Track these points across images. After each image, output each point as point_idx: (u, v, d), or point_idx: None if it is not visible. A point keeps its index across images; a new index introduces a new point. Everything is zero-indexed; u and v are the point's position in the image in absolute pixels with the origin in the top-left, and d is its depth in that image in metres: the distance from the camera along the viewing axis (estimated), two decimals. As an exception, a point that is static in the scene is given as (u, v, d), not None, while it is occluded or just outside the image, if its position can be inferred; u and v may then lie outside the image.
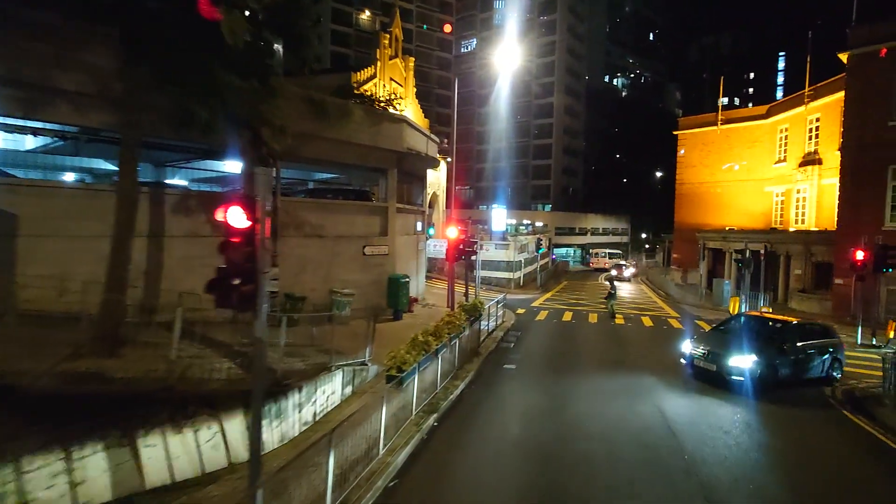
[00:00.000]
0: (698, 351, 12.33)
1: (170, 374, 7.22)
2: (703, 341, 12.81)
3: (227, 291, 4.37)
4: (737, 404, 10.69)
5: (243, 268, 4.43)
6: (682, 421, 9.58)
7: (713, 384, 11.74)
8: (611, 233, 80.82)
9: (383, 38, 38.12)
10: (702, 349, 12.29)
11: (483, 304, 16.10)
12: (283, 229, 16.09)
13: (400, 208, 20.36)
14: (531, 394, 11.23)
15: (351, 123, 17.36)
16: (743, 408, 10.52)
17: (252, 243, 4.48)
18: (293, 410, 7.78)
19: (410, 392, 8.99)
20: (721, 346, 12.03)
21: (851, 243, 20.85)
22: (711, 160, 38.93)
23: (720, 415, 10.13)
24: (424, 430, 8.66)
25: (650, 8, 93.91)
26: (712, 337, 13.40)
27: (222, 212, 4.36)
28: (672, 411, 10.11)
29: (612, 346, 16.52)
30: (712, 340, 12.80)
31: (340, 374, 9.53)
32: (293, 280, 16.44)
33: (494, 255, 33.69)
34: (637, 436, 8.79)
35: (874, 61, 21.64)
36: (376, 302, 19.06)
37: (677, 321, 22.09)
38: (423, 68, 77.12)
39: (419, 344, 9.21)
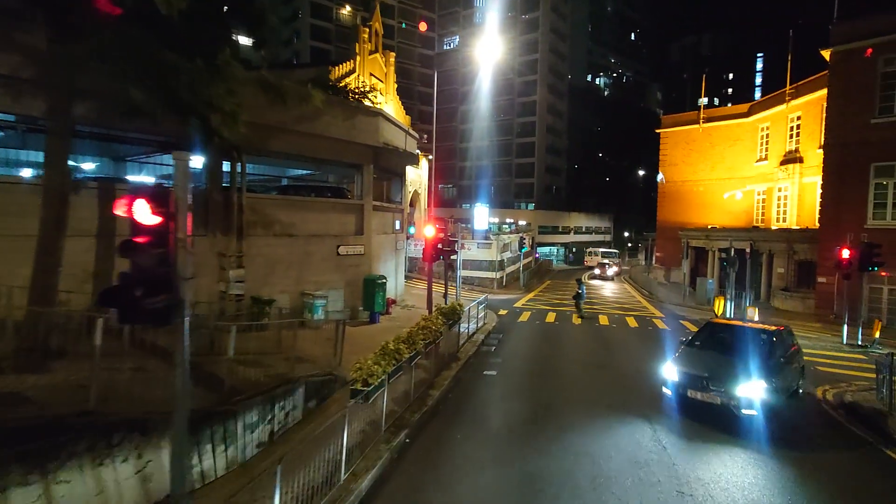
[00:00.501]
0: (687, 376, 9.51)
1: (106, 391, 6.30)
2: (690, 362, 9.95)
3: (131, 303, 3.52)
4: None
5: (153, 274, 3.58)
6: None
7: (712, 422, 9.06)
8: (594, 231, 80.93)
9: (362, 32, 37.05)
10: (693, 372, 9.53)
11: (462, 306, 15.36)
12: (250, 228, 15.14)
13: (377, 206, 19.50)
14: (512, 403, 10.52)
15: (325, 116, 16.48)
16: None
17: (165, 244, 3.63)
18: (244, 431, 6.91)
19: (380, 406, 8.19)
20: (719, 369, 9.40)
21: (834, 241, 20.68)
22: (694, 158, 38.87)
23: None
24: (395, 448, 7.87)
25: (632, 8, 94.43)
26: (699, 356, 10.25)
27: (123, 206, 3.50)
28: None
29: (597, 349, 15.93)
30: (702, 361, 9.94)
31: (303, 387, 8.67)
32: (261, 282, 15.49)
33: (476, 254, 33.00)
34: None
35: (857, 58, 21.49)
36: (352, 304, 18.20)
37: (662, 321, 21.67)
38: (405, 65, 76.08)
39: (390, 353, 8.41)
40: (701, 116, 38.13)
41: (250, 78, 7.10)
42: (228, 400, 7.12)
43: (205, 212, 14.05)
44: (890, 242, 17.52)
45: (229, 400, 7.14)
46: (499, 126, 75.14)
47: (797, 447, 8.57)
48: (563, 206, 75.40)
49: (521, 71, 73.54)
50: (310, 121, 15.85)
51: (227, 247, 14.35)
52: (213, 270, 14.21)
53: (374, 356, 8.08)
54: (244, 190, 14.81)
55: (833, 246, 20.49)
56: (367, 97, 19.95)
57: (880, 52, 20.85)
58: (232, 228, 14.49)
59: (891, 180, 20.76)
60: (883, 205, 21.01)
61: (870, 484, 7.59)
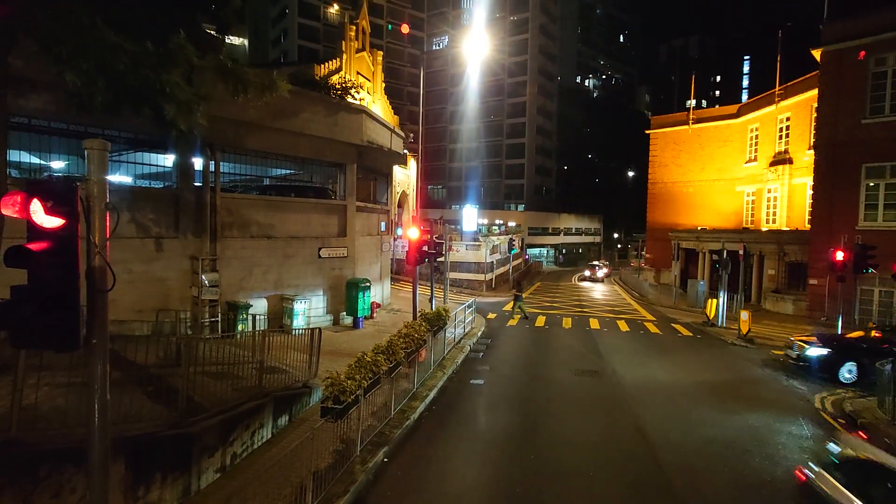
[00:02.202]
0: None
1: (33, 415, 5.57)
2: None
3: (23, 324, 2.85)
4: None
5: (53, 288, 2.92)
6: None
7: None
8: (584, 233, 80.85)
9: (349, 30, 36.33)
10: None
11: (449, 310, 14.74)
12: (225, 229, 14.40)
13: (361, 207, 18.83)
14: (500, 416, 9.91)
15: (304, 113, 15.81)
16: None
17: (69, 251, 2.97)
18: (201, 456, 6.22)
19: (355, 422, 7.54)
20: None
21: (826, 243, 20.45)
22: (683, 159, 38.70)
23: None
24: (371, 469, 7.23)
25: (620, 10, 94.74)
26: None
27: (13, 205, 2.83)
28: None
29: (588, 355, 15.40)
30: None
31: (273, 402, 7.98)
32: (237, 286, 14.76)
33: (465, 256, 32.42)
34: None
35: (848, 58, 21.29)
36: (334, 309, 17.51)
37: (654, 325, 21.24)
38: (394, 65, 75.44)
39: (366, 365, 7.75)
40: (690, 117, 37.98)
41: (207, 65, 6.42)
42: (186, 420, 6.42)
43: (175, 212, 13.30)
44: (882, 244, 17.23)
45: (187, 420, 6.44)
46: (488, 127, 74.75)
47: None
48: (553, 208, 75.18)
49: (511, 72, 73.24)
50: (288, 117, 15.18)
51: (200, 249, 13.60)
52: (185, 274, 13.46)
53: (347, 369, 7.42)
54: (218, 189, 14.07)
55: (824, 247, 20.26)
56: (350, 93, 19.26)
57: (871, 51, 20.66)
58: (205, 230, 13.74)
59: (882, 181, 20.55)
60: (874, 206, 20.79)
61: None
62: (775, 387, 12.56)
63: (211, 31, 8.13)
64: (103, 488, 3.48)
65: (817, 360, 13.23)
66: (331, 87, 19.09)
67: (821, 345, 13.53)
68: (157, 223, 12.90)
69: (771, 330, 20.20)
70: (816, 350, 13.37)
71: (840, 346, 13.71)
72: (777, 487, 7.13)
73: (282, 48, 72.45)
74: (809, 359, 13.36)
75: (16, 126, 10.95)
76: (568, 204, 78.06)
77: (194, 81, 6.38)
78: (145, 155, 13.97)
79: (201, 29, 7.84)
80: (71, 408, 5.67)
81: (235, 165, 15.94)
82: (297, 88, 14.59)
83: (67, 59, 5.34)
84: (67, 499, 4.98)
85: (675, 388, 11.98)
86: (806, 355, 13.46)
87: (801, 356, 13.61)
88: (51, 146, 13.08)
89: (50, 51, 5.32)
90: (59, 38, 5.26)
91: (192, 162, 13.53)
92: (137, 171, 18.57)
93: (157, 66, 5.86)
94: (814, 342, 13.77)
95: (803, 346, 13.74)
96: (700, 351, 16.45)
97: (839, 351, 13.36)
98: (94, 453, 3.36)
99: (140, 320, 11.98)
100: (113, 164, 17.37)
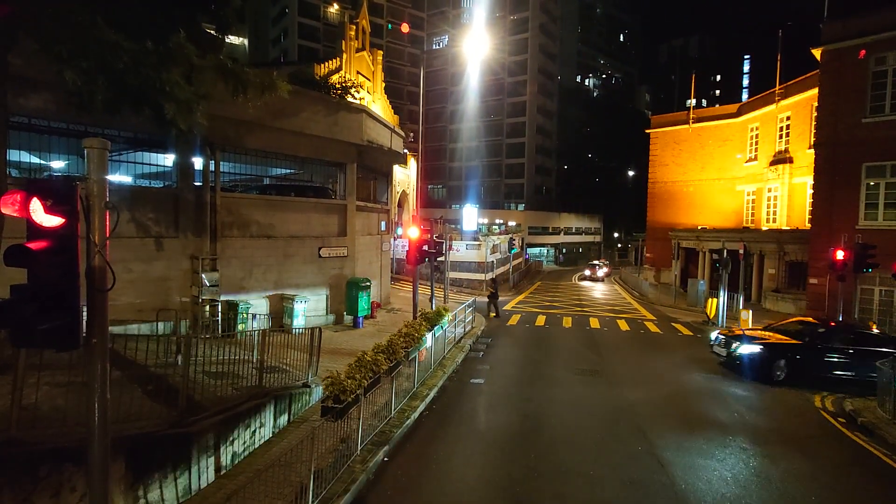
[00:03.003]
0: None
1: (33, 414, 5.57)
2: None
3: (22, 323, 2.85)
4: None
5: (52, 288, 2.91)
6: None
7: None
8: (584, 232, 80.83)
9: (349, 29, 36.32)
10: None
11: (449, 310, 14.73)
12: (225, 229, 14.41)
13: (361, 206, 18.83)
14: (501, 415, 9.91)
15: (304, 112, 15.79)
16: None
17: (69, 251, 2.96)
18: (201, 456, 6.22)
19: (355, 422, 7.53)
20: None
21: (826, 242, 20.42)
22: (683, 159, 38.67)
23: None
24: (371, 468, 7.23)
25: (620, 9, 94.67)
26: None
27: (13, 204, 2.82)
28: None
29: (589, 355, 15.40)
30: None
31: (273, 401, 7.98)
32: (237, 286, 14.77)
33: (465, 255, 32.40)
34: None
35: (848, 57, 21.26)
36: (335, 308, 17.52)
37: (654, 324, 21.24)
38: (394, 65, 75.43)
39: (366, 364, 7.75)
40: (690, 117, 37.94)
41: (207, 64, 6.41)
42: (187, 419, 6.42)
43: (175, 211, 13.30)
44: (882, 243, 17.22)
45: (187, 419, 6.43)
46: (488, 126, 74.71)
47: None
48: (554, 207, 75.16)
49: (511, 71, 73.19)
50: (288, 117, 15.17)
51: (200, 249, 13.60)
52: (185, 274, 13.46)
53: (347, 368, 7.42)
54: (218, 188, 14.07)
55: (825, 247, 20.23)
56: (350, 93, 19.24)
57: (872, 50, 20.63)
58: (205, 229, 13.74)
59: (882, 180, 20.53)
60: (875, 205, 20.76)
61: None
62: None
63: (211, 30, 8.12)
64: (103, 488, 3.48)
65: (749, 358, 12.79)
66: (331, 86, 19.09)
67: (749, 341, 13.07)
68: (157, 223, 12.90)
69: (771, 329, 20.17)
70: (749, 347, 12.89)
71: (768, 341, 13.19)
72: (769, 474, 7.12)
73: (282, 47, 72.45)
74: (741, 357, 12.95)
75: (16, 125, 10.96)
76: (568, 203, 78.04)
77: (194, 81, 6.38)
78: (145, 154, 13.95)
79: (201, 28, 7.83)
80: (71, 407, 5.67)
81: (235, 165, 15.94)
82: (297, 88, 14.58)
83: (67, 59, 5.33)
84: (67, 498, 4.98)
85: (675, 388, 11.97)
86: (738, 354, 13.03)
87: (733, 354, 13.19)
88: (51, 146, 13.07)
89: (50, 50, 5.31)
90: (59, 38, 5.26)
91: (192, 161, 13.52)
92: (137, 170, 18.55)
93: (158, 65, 5.85)
94: (742, 336, 13.38)
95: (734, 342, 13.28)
96: (700, 350, 16.43)
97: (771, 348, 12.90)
98: (94, 453, 3.36)
99: (140, 320, 11.99)
100: (113, 164, 17.37)
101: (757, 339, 13.21)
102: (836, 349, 12.80)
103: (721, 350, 13.71)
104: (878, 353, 12.32)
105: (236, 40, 75.73)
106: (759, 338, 13.38)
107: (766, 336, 13.62)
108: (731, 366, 13.51)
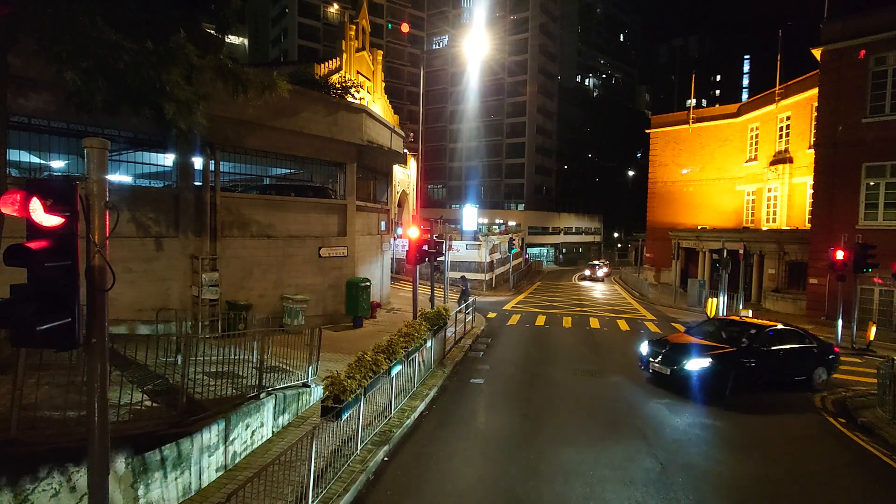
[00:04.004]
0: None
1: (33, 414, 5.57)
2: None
3: (25, 321, 2.85)
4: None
5: (52, 288, 2.91)
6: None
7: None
8: (584, 232, 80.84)
9: (349, 29, 36.31)
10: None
11: (449, 310, 14.73)
12: (225, 229, 14.41)
13: (361, 206, 18.83)
14: (500, 415, 9.91)
15: (304, 112, 15.79)
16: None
17: (69, 250, 2.96)
18: (201, 454, 6.21)
19: (355, 422, 7.53)
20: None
21: (826, 242, 20.45)
22: (683, 159, 38.68)
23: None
24: (371, 468, 7.23)
25: (620, 9, 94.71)
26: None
27: (12, 204, 2.82)
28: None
29: (589, 355, 15.41)
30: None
31: (272, 401, 7.98)
32: (237, 286, 14.77)
33: (465, 255, 32.41)
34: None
35: (848, 57, 21.28)
36: (334, 308, 17.51)
37: (654, 324, 21.25)
38: (394, 65, 75.46)
39: (366, 364, 7.75)
40: (690, 117, 37.95)
41: (207, 64, 6.41)
42: (187, 418, 6.42)
43: (175, 211, 13.30)
44: (882, 243, 17.23)
45: (188, 418, 6.44)
46: (488, 126, 74.72)
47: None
48: (553, 207, 75.19)
49: (511, 71, 73.21)
50: (288, 117, 15.17)
51: (200, 249, 13.61)
52: (185, 274, 13.46)
53: (347, 368, 7.42)
54: (218, 188, 14.07)
55: (824, 247, 20.26)
56: (350, 93, 19.25)
57: (871, 50, 20.65)
58: (205, 229, 13.75)
59: (882, 180, 20.54)
60: (874, 205, 20.78)
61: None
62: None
63: (211, 30, 8.12)
64: (103, 488, 3.48)
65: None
66: (331, 86, 19.09)
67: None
68: (156, 222, 12.90)
69: (771, 329, 20.17)
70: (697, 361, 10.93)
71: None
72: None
73: (282, 47, 72.49)
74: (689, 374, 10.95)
75: (16, 125, 10.97)
76: (568, 203, 78.07)
77: (194, 81, 6.38)
78: (145, 154, 13.96)
79: (201, 28, 7.84)
80: (71, 407, 5.67)
81: (235, 165, 15.95)
82: (297, 88, 14.60)
83: (67, 59, 5.33)
84: (67, 498, 4.98)
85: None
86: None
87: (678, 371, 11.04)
88: (51, 145, 13.07)
89: (50, 50, 5.31)
90: (59, 38, 5.26)
91: (191, 161, 13.53)
92: (137, 170, 18.55)
93: (158, 65, 5.85)
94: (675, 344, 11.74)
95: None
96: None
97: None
98: (94, 453, 3.36)
99: (140, 319, 12.00)
100: (113, 164, 17.38)
101: (698, 349, 11.28)
102: (772, 351, 11.57)
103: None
104: (803, 349, 12.01)
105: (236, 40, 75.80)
106: (702, 347, 11.42)
107: (702, 343, 11.68)
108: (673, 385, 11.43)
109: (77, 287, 3.00)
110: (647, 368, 12.01)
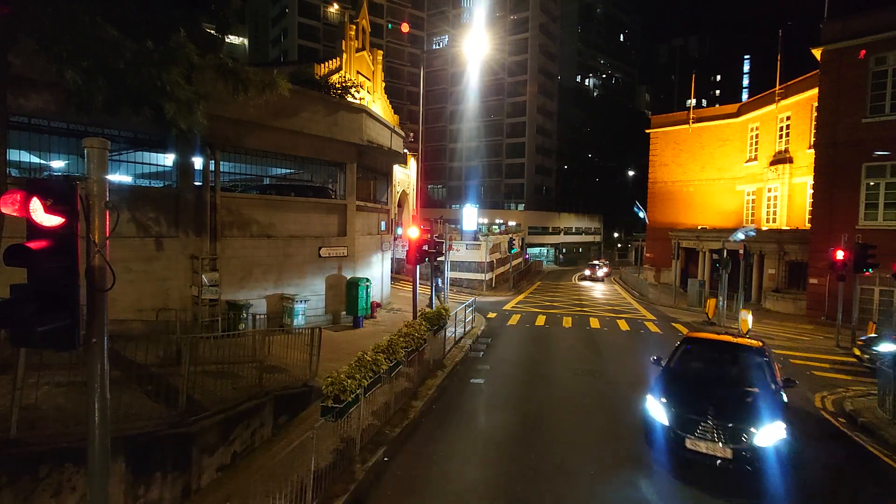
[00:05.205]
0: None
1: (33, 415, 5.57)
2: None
3: (25, 321, 2.85)
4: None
5: (52, 288, 2.91)
6: None
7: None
8: (584, 232, 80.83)
9: (349, 29, 36.32)
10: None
11: (449, 310, 14.73)
12: (225, 228, 14.40)
13: (361, 206, 18.83)
14: (500, 415, 9.91)
15: (304, 112, 15.79)
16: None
17: (69, 250, 2.96)
18: (201, 455, 6.22)
19: (355, 422, 7.54)
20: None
21: (826, 242, 20.45)
22: (683, 159, 38.68)
23: None
24: (371, 468, 7.22)
25: (620, 9, 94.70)
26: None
27: (12, 204, 2.82)
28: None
29: (589, 355, 15.40)
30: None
31: (273, 401, 7.99)
32: (237, 285, 14.76)
33: (465, 255, 32.41)
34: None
35: (848, 57, 21.28)
36: (334, 308, 17.51)
37: (654, 324, 21.24)
38: (394, 65, 75.45)
39: (366, 364, 7.76)
40: (690, 117, 37.95)
41: (207, 64, 6.41)
42: (187, 419, 6.42)
43: (175, 211, 13.30)
44: (882, 243, 17.24)
45: (187, 419, 6.44)
46: (488, 126, 74.70)
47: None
48: (554, 207, 75.17)
49: (511, 71, 73.19)
50: (288, 117, 15.17)
51: (200, 248, 13.60)
52: (185, 273, 13.46)
53: (347, 368, 7.42)
54: (218, 188, 14.07)
55: (825, 247, 20.26)
56: (350, 92, 19.25)
57: (871, 50, 20.65)
58: (205, 229, 13.74)
59: (882, 180, 20.55)
60: (875, 205, 20.79)
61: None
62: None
63: (211, 30, 8.13)
64: (103, 488, 3.48)
65: None
66: (331, 86, 19.09)
67: None
68: (156, 222, 12.90)
69: (771, 329, 20.21)
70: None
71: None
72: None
73: (282, 47, 72.50)
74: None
75: (16, 125, 10.97)
76: (568, 203, 78.05)
77: (194, 80, 6.38)
78: (145, 154, 13.96)
79: (201, 28, 7.84)
80: (71, 407, 5.67)
81: (235, 165, 15.95)
82: (297, 87, 14.60)
83: (67, 58, 5.33)
84: (67, 498, 4.99)
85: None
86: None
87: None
88: (51, 145, 13.06)
89: (50, 50, 5.31)
90: (59, 38, 5.26)
91: (191, 161, 13.53)
92: (137, 170, 18.54)
93: (158, 64, 5.85)
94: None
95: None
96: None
97: None
98: (94, 453, 3.36)
99: (140, 319, 12.00)
100: (113, 164, 17.38)
101: None
102: None
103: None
104: None
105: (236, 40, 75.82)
106: None
107: None
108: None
109: (77, 287, 3.00)
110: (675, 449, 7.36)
